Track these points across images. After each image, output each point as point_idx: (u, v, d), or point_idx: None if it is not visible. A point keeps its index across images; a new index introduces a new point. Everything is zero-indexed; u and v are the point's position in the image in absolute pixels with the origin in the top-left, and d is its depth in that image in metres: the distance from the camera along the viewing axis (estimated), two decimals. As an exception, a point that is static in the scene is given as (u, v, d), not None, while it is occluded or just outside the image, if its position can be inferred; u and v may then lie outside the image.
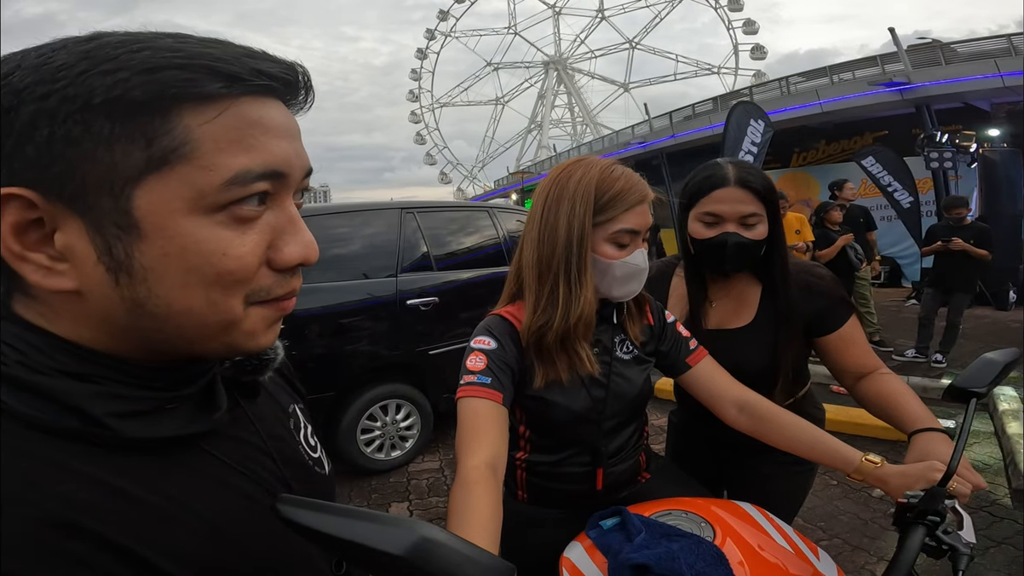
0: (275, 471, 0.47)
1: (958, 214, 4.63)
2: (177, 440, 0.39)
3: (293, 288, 0.41)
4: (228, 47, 0.37)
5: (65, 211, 0.34)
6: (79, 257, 0.35)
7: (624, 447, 1.01)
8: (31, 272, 0.34)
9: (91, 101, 0.32)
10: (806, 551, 0.80)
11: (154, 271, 0.35)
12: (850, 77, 12.49)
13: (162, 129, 0.33)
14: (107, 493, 0.34)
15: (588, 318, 0.89)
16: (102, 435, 0.35)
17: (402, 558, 0.31)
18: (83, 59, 0.33)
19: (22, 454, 0.33)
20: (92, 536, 0.33)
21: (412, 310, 3.12)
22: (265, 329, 0.41)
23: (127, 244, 0.34)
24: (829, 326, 1.12)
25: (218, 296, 0.37)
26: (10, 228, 0.33)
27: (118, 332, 0.37)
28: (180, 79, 0.33)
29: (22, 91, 0.32)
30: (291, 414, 0.57)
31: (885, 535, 2.35)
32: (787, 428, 0.93)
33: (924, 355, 4.70)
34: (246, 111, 0.36)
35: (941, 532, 0.70)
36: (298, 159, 0.40)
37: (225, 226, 0.36)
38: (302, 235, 0.40)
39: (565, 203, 0.88)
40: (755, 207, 1.06)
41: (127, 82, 0.32)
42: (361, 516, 0.33)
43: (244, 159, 0.36)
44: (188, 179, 0.34)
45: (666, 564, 0.68)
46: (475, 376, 0.85)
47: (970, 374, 0.80)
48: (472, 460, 0.75)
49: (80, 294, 0.36)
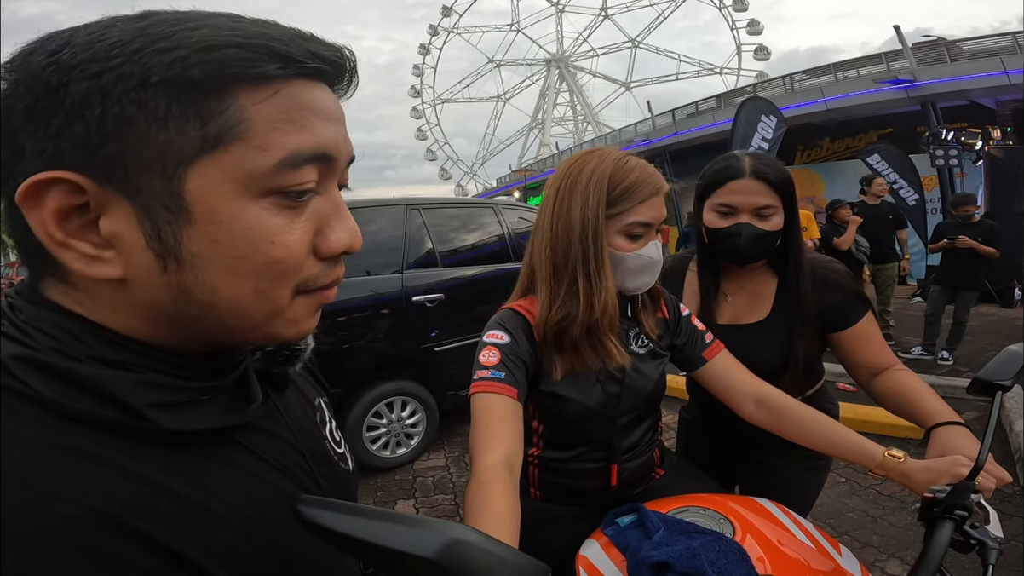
0: (305, 467, 0.46)
1: (966, 211, 4.60)
2: (214, 433, 0.38)
3: (337, 276, 0.41)
4: (281, 28, 0.36)
5: (113, 195, 0.33)
6: (126, 243, 0.34)
7: (639, 443, 1.00)
8: (74, 260, 0.33)
9: (148, 79, 0.31)
10: (827, 547, 0.79)
11: (202, 257, 0.34)
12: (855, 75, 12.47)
13: (217, 109, 0.33)
14: (146, 488, 0.33)
15: (612, 311, 0.88)
16: (141, 427, 0.34)
17: (433, 561, 0.29)
18: (138, 36, 0.32)
19: (58, 447, 0.31)
20: (132, 534, 0.31)
21: (418, 307, 3.12)
22: (308, 317, 0.40)
23: (176, 229, 0.33)
24: (844, 321, 1.11)
25: (267, 286, 0.36)
26: (52, 214, 0.32)
27: (159, 320, 0.36)
28: (239, 58, 0.33)
29: (73, 68, 0.31)
30: (317, 407, 0.56)
31: (894, 532, 2.34)
32: (806, 422, 0.91)
33: (930, 352, 4.69)
34: (298, 93, 0.35)
35: (969, 527, 0.68)
36: (344, 143, 0.39)
37: (274, 212, 0.35)
38: (347, 222, 0.39)
39: (578, 195, 0.87)
40: (770, 199, 1.06)
41: (185, 60, 0.31)
42: (387, 518, 0.31)
43: (295, 140, 0.35)
44: (240, 160, 0.33)
45: (687, 561, 0.66)
46: (488, 371, 0.83)
47: (995, 367, 0.79)
48: (488, 458, 0.74)
49: (124, 282, 0.34)
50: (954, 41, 10.97)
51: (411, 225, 3.25)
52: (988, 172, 7.83)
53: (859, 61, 13.00)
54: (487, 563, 0.30)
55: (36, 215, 0.32)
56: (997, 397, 0.76)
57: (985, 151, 7.80)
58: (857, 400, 3.25)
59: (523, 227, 3.93)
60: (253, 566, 0.37)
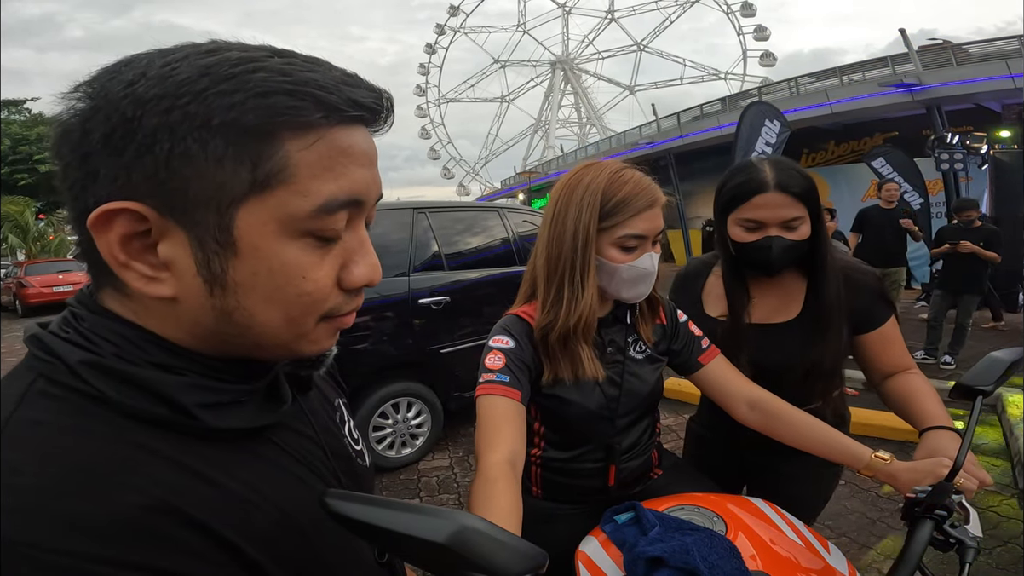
0: (326, 462, 0.50)
1: (967, 216, 4.61)
2: (250, 431, 0.42)
3: (357, 305, 0.44)
4: (328, 71, 0.38)
5: (173, 225, 0.36)
6: (179, 268, 0.37)
7: (637, 444, 1.04)
8: (134, 279, 0.37)
9: (211, 121, 0.34)
10: (817, 545, 0.83)
11: (243, 286, 0.38)
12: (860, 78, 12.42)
13: (267, 153, 0.35)
14: (197, 480, 0.37)
15: (588, 320, 0.91)
16: (189, 424, 0.38)
17: (444, 546, 0.33)
18: (204, 75, 0.34)
19: (122, 442, 0.35)
20: (188, 520, 0.35)
21: (424, 309, 3.16)
22: (327, 338, 0.44)
23: (224, 260, 0.37)
24: (870, 324, 1.12)
25: (296, 314, 0.40)
26: (118, 238, 0.35)
27: (202, 334, 0.40)
28: (288, 106, 0.35)
29: (147, 102, 0.33)
30: (336, 408, 0.59)
31: (892, 534, 2.36)
32: (798, 425, 0.95)
33: (933, 356, 4.70)
34: (338, 139, 0.38)
35: (948, 526, 0.72)
36: (375, 186, 0.42)
37: (306, 251, 0.39)
38: (370, 258, 0.43)
39: (573, 208, 0.91)
40: (797, 210, 1.05)
41: (243, 105, 0.34)
42: (403, 508, 0.35)
43: (333, 187, 0.38)
44: (283, 203, 0.37)
45: (680, 557, 0.70)
46: (494, 374, 0.88)
47: (976, 373, 0.82)
48: (492, 456, 0.78)
49: (175, 300, 0.38)
50: (960, 44, 10.94)
51: (418, 228, 3.29)
52: (993, 176, 7.80)
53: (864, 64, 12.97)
54: (492, 547, 0.34)
55: (104, 238, 0.36)
56: (977, 402, 0.79)
57: (990, 155, 7.78)
58: (858, 404, 3.27)
59: (528, 231, 3.96)
60: (285, 551, 0.40)
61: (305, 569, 0.42)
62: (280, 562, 0.40)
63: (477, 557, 0.33)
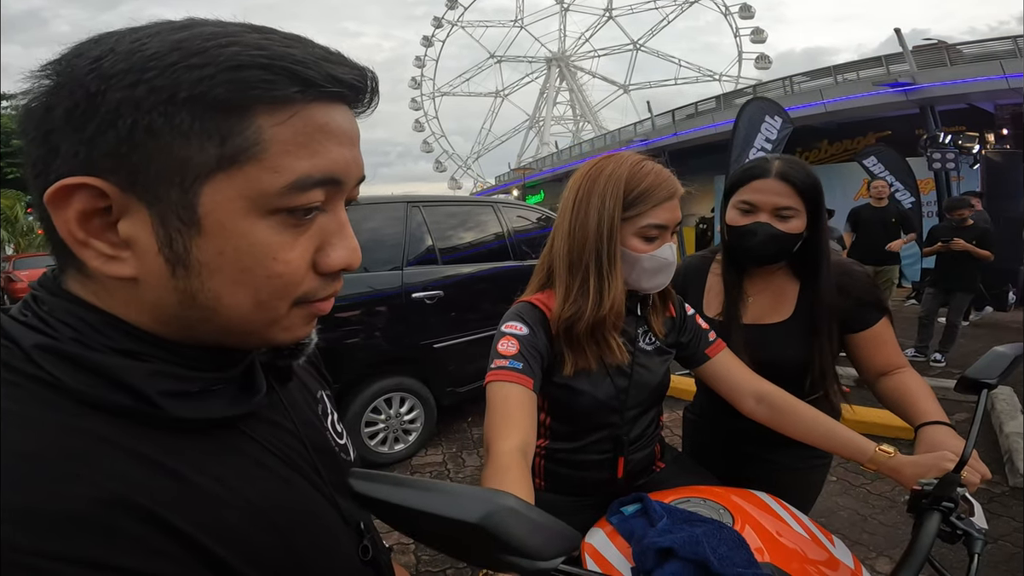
0: (306, 456, 0.48)
1: (960, 215, 4.65)
2: (222, 421, 0.40)
3: (335, 291, 0.42)
4: (308, 47, 0.37)
5: (134, 201, 0.34)
6: (140, 246, 0.35)
7: (643, 435, 1.03)
8: (92, 258, 0.35)
9: (177, 94, 0.32)
10: (822, 538, 0.82)
11: (208, 267, 0.36)
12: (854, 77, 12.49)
13: (237, 128, 0.34)
14: (158, 472, 0.35)
15: (618, 308, 0.91)
16: (152, 414, 0.36)
17: (478, 526, 0.32)
18: (175, 49, 0.33)
19: (76, 431, 0.33)
20: (146, 515, 0.33)
21: (417, 303, 3.13)
22: (302, 326, 0.42)
23: (187, 238, 0.35)
24: (862, 324, 1.13)
25: (266, 297, 0.38)
26: (76, 215, 0.34)
27: (166, 318, 0.38)
28: (261, 79, 0.34)
29: (111, 77, 0.32)
30: (319, 400, 0.57)
31: (883, 530, 2.39)
32: (804, 419, 0.95)
33: (924, 354, 4.74)
34: (315, 115, 0.36)
35: (955, 518, 0.71)
36: (355, 166, 0.40)
37: (278, 230, 0.37)
38: (348, 241, 0.41)
39: (595, 198, 0.90)
40: (792, 201, 1.07)
41: (212, 79, 0.33)
42: (435, 487, 0.34)
43: (306, 164, 0.36)
44: (252, 179, 0.35)
45: (690, 548, 0.69)
46: (507, 360, 0.86)
47: (981, 366, 0.82)
48: (504, 445, 0.77)
49: (136, 281, 0.36)
50: (954, 44, 11.02)
51: (411, 222, 3.26)
52: (985, 176, 7.88)
53: (859, 64, 13.05)
54: (527, 528, 0.32)
55: (61, 215, 0.34)
56: (983, 395, 0.79)
57: (982, 154, 7.85)
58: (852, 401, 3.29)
59: (522, 226, 3.95)
60: (256, 549, 0.38)
61: (280, 568, 0.40)
62: (251, 560, 0.37)
63: (511, 538, 0.32)
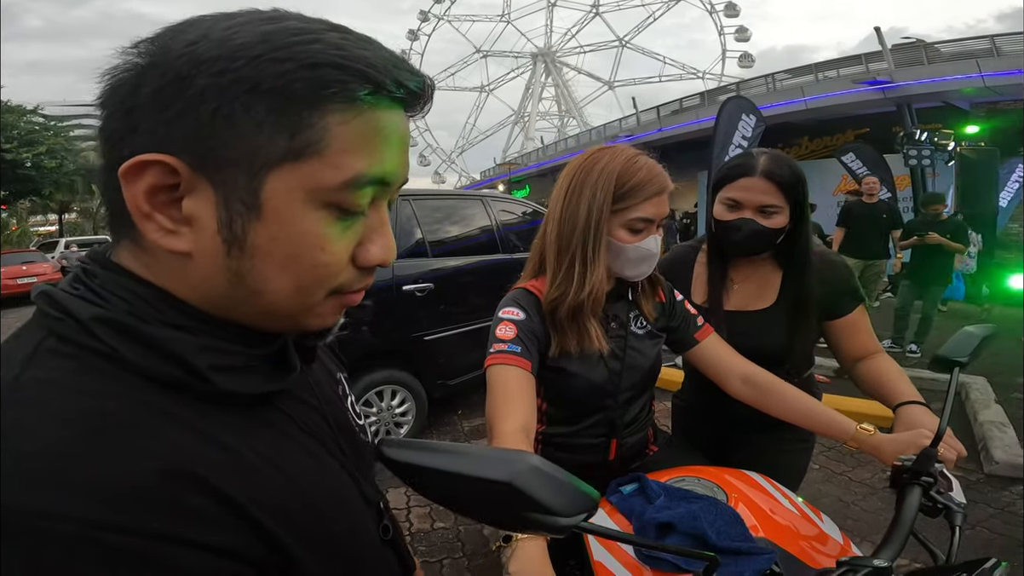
0: (331, 434, 0.49)
1: (935, 210, 4.79)
2: (261, 396, 0.41)
3: (367, 284, 0.44)
4: (379, 50, 0.39)
5: (202, 181, 0.36)
6: (200, 224, 0.37)
7: (636, 419, 1.07)
8: (152, 230, 0.36)
9: (259, 86, 0.34)
10: (811, 515, 0.86)
11: (261, 250, 0.37)
12: (835, 75, 12.67)
13: (307, 123, 0.36)
14: (211, 445, 0.36)
15: (597, 295, 0.94)
16: (201, 387, 0.37)
17: (509, 484, 0.34)
18: (262, 42, 0.35)
19: (137, 402, 0.34)
20: (203, 486, 0.34)
21: (408, 296, 3.13)
22: (333, 314, 0.44)
23: (247, 222, 0.37)
24: (839, 311, 1.19)
25: (307, 284, 0.39)
26: (146, 188, 0.35)
27: (212, 296, 0.39)
28: (336, 79, 0.35)
29: (202, 63, 0.34)
30: (339, 381, 0.59)
31: (866, 516, 2.47)
32: (788, 399, 0.99)
33: (900, 345, 4.86)
34: (377, 118, 0.38)
35: (935, 492, 0.75)
36: (404, 170, 0.42)
37: (328, 222, 0.38)
38: (387, 239, 0.43)
39: (588, 189, 0.93)
40: (775, 199, 1.11)
41: (292, 74, 0.34)
42: (464, 450, 0.36)
43: (363, 163, 0.38)
44: (313, 173, 0.37)
45: (689, 523, 0.72)
46: (506, 344, 0.89)
47: (953, 345, 0.88)
48: (507, 425, 0.79)
49: (190, 256, 0.37)
50: (933, 43, 11.26)
51: (401, 215, 3.26)
52: (959, 172, 8.08)
53: (840, 62, 13.26)
54: (553, 487, 0.35)
55: (132, 187, 0.35)
56: (955, 372, 0.84)
57: (957, 152, 8.05)
58: (829, 390, 3.38)
59: (509, 219, 3.96)
60: (299, 524, 0.39)
61: (317, 543, 0.41)
62: (295, 535, 0.39)
63: (539, 496, 0.34)
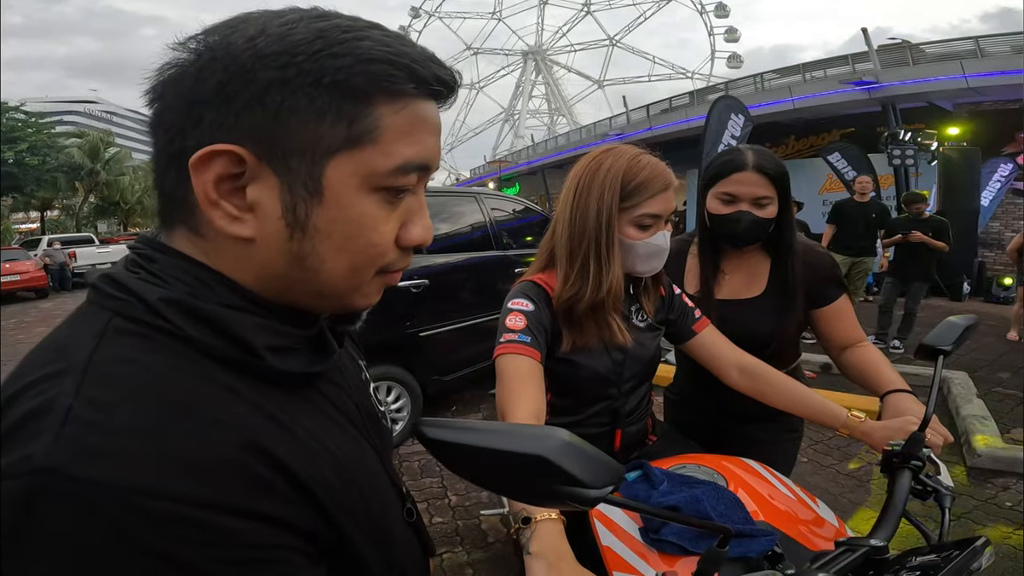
0: (359, 418, 0.51)
1: (917, 209, 4.89)
2: (307, 376, 0.43)
3: (407, 264, 0.47)
4: (416, 47, 0.41)
5: (266, 169, 0.38)
6: (263, 210, 0.39)
7: (637, 409, 1.10)
8: (219, 217, 0.38)
9: (321, 79, 0.37)
10: (807, 500, 0.90)
11: (321, 233, 0.40)
12: (821, 75, 12.80)
13: (364, 113, 0.38)
14: (271, 421, 0.38)
15: (617, 292, 0.98)
16: (256, 366, 0.39)
17: (545, 458, 0.36)
18: (318, 38, 0.37)
19: (208, 380, 0.36)
20: (272, 460, 0.36)
21: (403, 292, 3.14)
22: (376, 292, 0.46)
23: (309, 206, 0.39)
24: (824, 299, 1.24)
25: (360, 264, 0.42)
26: (214, 177, 0.37)
27: (270, 278, 0.41)
28: (388, 74, 0.38)
29: (265, 57, 0.36)
30: (362, 368, 0.61)
31: (855, 509, 2.52)
32: (782, 387, 1.04)
33: (883, 341, 4.97)
34: (420, 109, 0.41)
35: (924, 476, 0.79)
36: (439, 155, 0.45)
37: (379, 205, 0.41)
38: (426, 220, 0.46)
39: (595, 189, 0.96)
40: (767, 191, 1.17)
41: (351, 68, 0.37)
42: (498, 428, 0.38)
43: (410, 150, 0.41)
44: (368, 159, 0.39)
45: (693, 506, 0.75)
46: (515, 334, 0.91)
47: (937, 334, 0.92)
48: (518, 412, 0.82)
49: (252, 241, 0.39)
50: (918, 44, 11.44)
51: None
52: (942, 171, 8.23)
53: (827, 62, 13.38)
54: (583, 460, 0.37)
55: (202, 177, 0.37)
56: (939, 360, 0.88)
57: (940, 151, 8.19)
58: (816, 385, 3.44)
59: (502, 216, 3.99)
60: (343, 499, 0.41)
61: (359, 519, 0.43)
62: (344, 512, 0.41)
63: (571, 469, 0.36)
